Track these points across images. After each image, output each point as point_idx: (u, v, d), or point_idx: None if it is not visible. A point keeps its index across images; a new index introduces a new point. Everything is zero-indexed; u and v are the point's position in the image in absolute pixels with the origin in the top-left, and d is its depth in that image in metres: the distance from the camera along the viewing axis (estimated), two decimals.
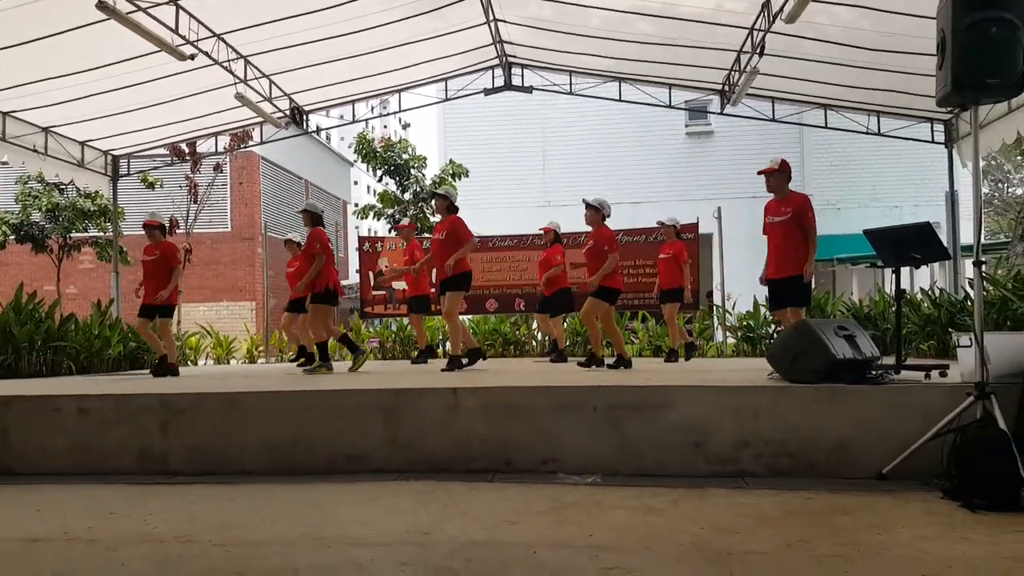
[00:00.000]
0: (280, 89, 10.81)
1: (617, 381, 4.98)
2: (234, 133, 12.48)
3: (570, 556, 2.85)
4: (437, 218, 7.37)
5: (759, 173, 6.44)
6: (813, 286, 6.39)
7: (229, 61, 9.29)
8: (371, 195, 19.83)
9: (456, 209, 7.16)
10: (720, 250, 12.07)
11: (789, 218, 6.12)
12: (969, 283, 8.40)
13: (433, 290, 9.14)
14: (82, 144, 10.80)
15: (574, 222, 11.20)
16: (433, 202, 7.24)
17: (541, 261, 9.34)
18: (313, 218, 7.47)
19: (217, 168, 15.47)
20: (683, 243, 9.18)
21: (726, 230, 11.97)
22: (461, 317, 7.89)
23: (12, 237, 15.80)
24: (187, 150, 13.17)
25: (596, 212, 7.19)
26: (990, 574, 2.61)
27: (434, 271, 8.93)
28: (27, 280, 9.09)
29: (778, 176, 6.25)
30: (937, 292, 9.44)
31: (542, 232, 9.35)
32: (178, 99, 9.94)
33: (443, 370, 6.78)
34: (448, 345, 8.12)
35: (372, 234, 15.61)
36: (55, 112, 9.54)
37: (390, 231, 12.26)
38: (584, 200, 7.33)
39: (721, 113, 11.51)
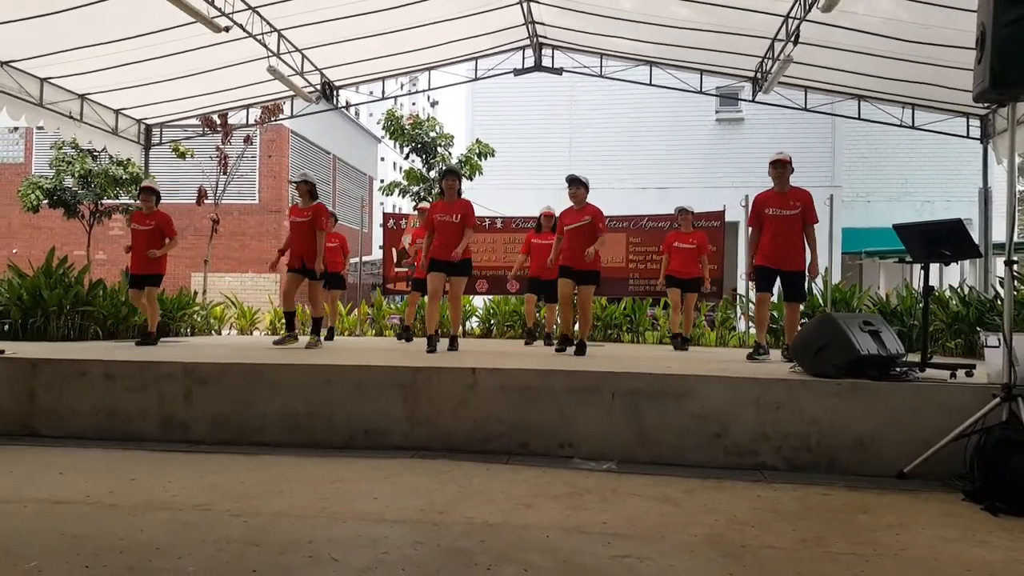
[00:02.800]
0: (312, 64, 10.82)
1: (636, 368, 4.96)
2: (265, 106, 12.54)
3: (583, 542, 2.86)
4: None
5: (776, 162, 6.58)
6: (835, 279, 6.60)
7: (263, 34, 9.31)
8: (397, 172, 19.86)
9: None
10: (746, 239, 11.94)
11: (799, 213, 6.44)
12: (1000, 282, 8.25)
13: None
14: (116, 112, 10.91)
15: (602, 205, 11.19)
16: (443, 182, 7.08)
17: (544, 245, 9.17)
18: (312, 191, 7.42)
19: (247, 140, 15.55)
20: (702, 232, 9.11)
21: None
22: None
23: (45, 202, 16.05)
24: (218, 121, 13.25)
25: (586, 189, 7.03)
26: None
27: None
28: (58, 244, 9.25)
29: (789, 168, 6.56)
30: (966, 290, 9.27)
31: (542, 216, 9.13)
32: (211, 71, 9.99)
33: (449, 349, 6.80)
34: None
35: (396, 211, 15.60)
36: (91, 80, 9.62)
37: (414, 208, 12.23)
38: (574, 177, 7.10)
39: (752, 101, 11.34)
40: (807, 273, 6.56)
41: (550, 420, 4.46)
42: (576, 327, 7.10)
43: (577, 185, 7.06)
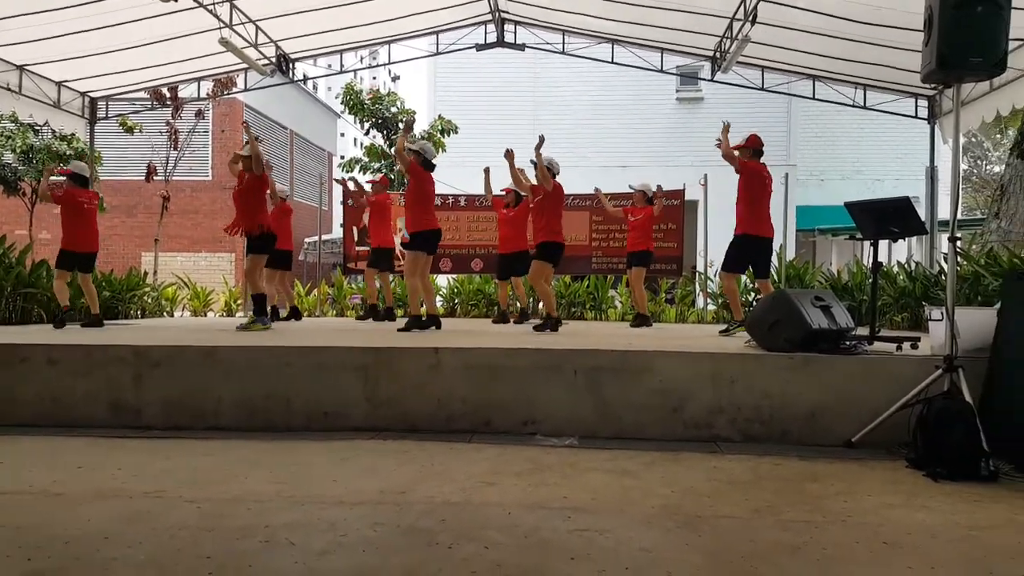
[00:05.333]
0: (266, 35, 10.53)
1: (598, 345, 5.00)
2: (217, 79, 12.18)
3: (544, 517, 2.89)
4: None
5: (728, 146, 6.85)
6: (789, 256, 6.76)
7: (214, 4, 9.01)
8: (358, 148, 19.55)
9: (432, 167, 7.06)
10: (705, 217, 12.07)
11: None
12: (944, 258, 8.50)
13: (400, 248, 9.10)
14: (59, 84, 10.48)
15: (564, 183, 11.18)
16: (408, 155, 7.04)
17: (506, 220, 9.17)
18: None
19: (199, 114, 15.16)
20: (652, 208, 9.19)
21: (711, 198, 11.96)
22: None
23: None
24: (168, 95, 12.86)
25: (547, 170, 7.17)
26: (947, 542, 2.68)
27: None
28: None
29: (743, 150, 6.90)
30: (913, 266, 9.53)
31: (503, 192, 9.13)
32: (160, 41, 9.64)
33: (400, 330, 6.70)
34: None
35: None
36: (31, 50, 9.21)
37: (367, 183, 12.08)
38: (534, 161, 7.29)
39: (712, 80, 11.41)
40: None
41: (513, 398, 4.49)
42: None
43: (535, 166, 7.25)
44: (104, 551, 2.51)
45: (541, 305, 8.43)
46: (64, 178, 7.95)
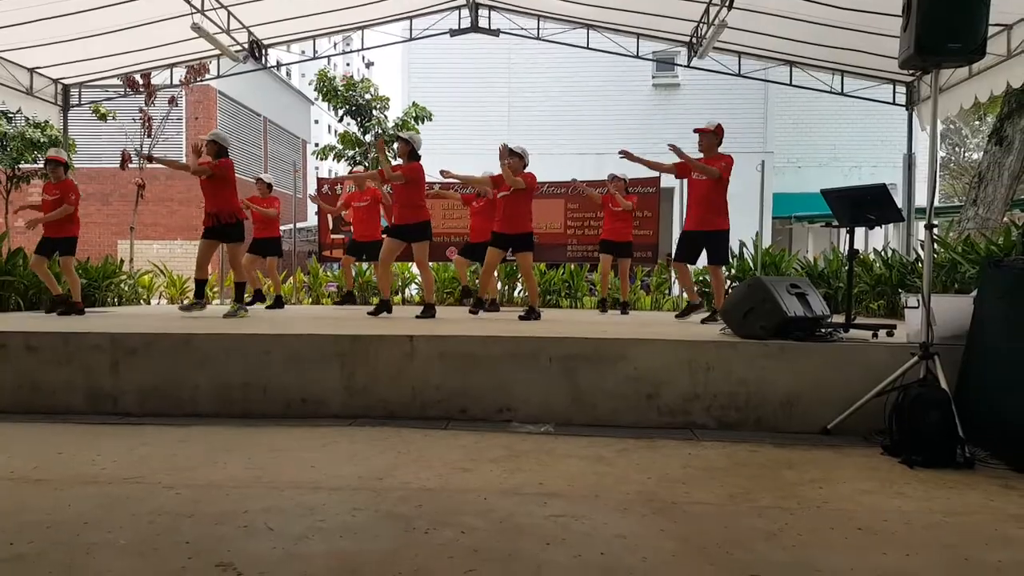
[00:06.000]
0: (238, 21, 10.39)
1: (573, 333, 5.02)
2: (190, 66, 12.01)
3: (520, 503, 2.90)
4: (396, 162, 7.19)
5: (695, 131, 6.86)
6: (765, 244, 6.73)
7: None
8: (332, 135, 19.40)
9: (418, 156, 7.04)
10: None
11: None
12: (921, 245, 8.60)
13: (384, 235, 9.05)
14: (31, 71, 10.29)
15: (537, 170, 11.14)
16: (396, 146, 7.05)
17: (477, 211, 9.18)
18: (219, 149, 7.17)
19: (172, 101, 14.87)
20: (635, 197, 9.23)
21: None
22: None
23: None
24: (141, 81, 12.63)
25: (520, 159, 7.08)
26: (921, 528, 2.72)
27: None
28: None
29: (711, 137, 6.77)
30: (889, 253, 9.64)
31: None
32: (132, 27, 9.48)
33: (418, 316, 6.74)
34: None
35: (332, 175, 15.28)
36: (2, 36, 9.03)
37: (349, 173, 12.00)
38: (505, 146, 7.15)
39: (688, 66, 11.43)
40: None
41: (489, 386, 4.49)
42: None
43: (511, 155, 7.09)
44: (84, 536, 2.50)
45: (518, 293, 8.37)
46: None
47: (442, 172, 7.83)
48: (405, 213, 6.84)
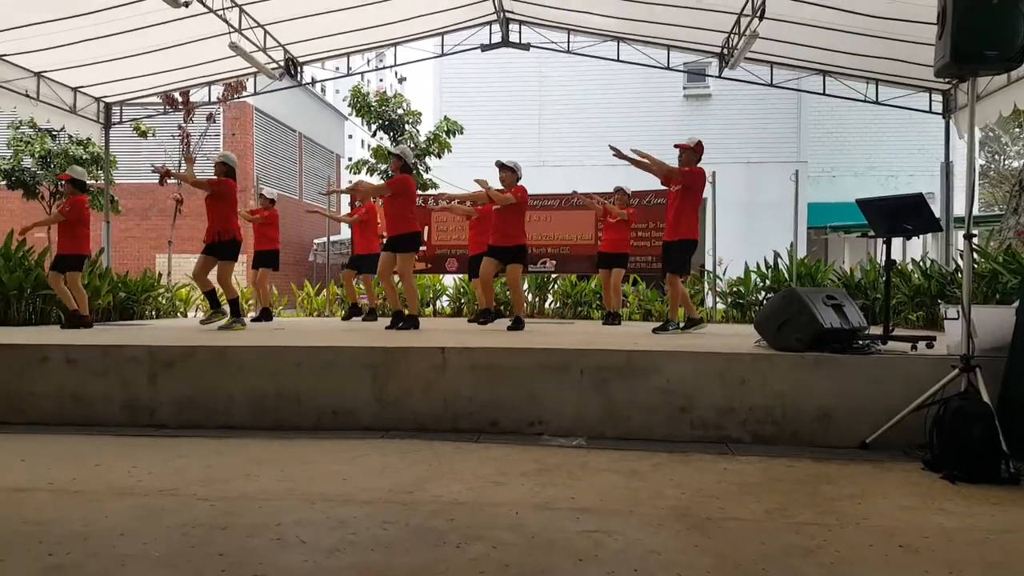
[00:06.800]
0: (275, 39, 10.60)
1: (605, 345, 4.99)
2: (228, 83, 12.27)
3: (552, 518, 2.88)
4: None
5: (676, 146, 7.08)
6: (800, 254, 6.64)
7: (224, 9, 9.08)
8: (365, 150, 19.62)
9: (410, 169, 7.22)
10: (714, 215, 12.03)
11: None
12: (960, 255, 8.42)
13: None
14: (74, 90, 10.60)
15: (566, 182, 11.19)
16: (390, 160, 7.25)
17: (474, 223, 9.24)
18: (227, 170, 7.34)
19: (210, 118, 15.26)
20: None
21: (720, 196, 11.91)
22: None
23: (3, 183, 15.62)
24: (180, 99, 12.95)
25: (512, 173, 7.27)
26: (964, 545, 2.64)
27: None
28: (18, 227, 8.94)
29: (690, 153, 6.93)
30: (928, 263, 9.45)
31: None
32: (172, 47, 9.73)
33: (388, 328, 6.95)
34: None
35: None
36: (48, 57, 9.33)
37: (350, 184, 12.11)
38: (500, 162, 7.40)
39: (719, 77, 11.36)
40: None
41: (520, 398, 4.48)
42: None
43: (504, 169, 7.32)
44: (120, 547, 2.54)
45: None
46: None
47: (436, 198, 7.99)
48: (394, 225, 6.98)
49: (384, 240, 7.19)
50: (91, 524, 2.78)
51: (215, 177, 7.29)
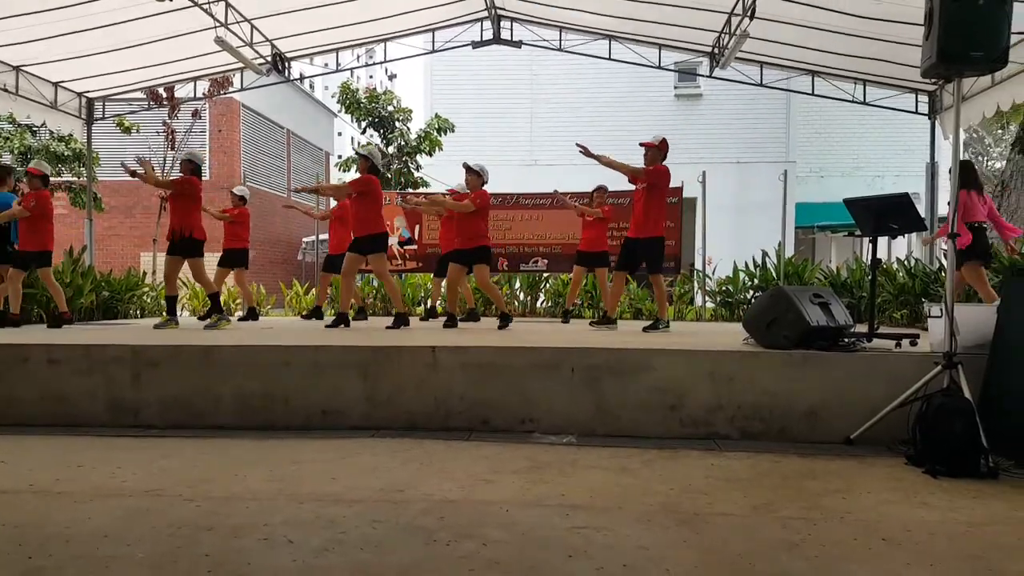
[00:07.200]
0: (262, 34, 10.51)
1: (596, 343, 5.00)
2: (214, 79, 12.17)
3: (543, 515, 2.88)
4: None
5: (641, 144, 7.10)
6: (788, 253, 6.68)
7: (209, 3, 8.98)
8: (355, 147, 19.55)
9: (377, 171, 7.23)
10: (704, 215, 12.07)
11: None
12: (944, 254, 8.49)
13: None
14: (55, 85, 10.47)
15: (557, 182, 11.18)
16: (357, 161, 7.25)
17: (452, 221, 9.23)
18: (193, 168, 7.35)
19: (196, 114, 15.15)
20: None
21: (710, 195, 11.95)
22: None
23: None
24: (165, 95, 12.85)
25: (477, 177, 7.37)
26: (945, 538, 2.67)
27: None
28: None
29: (655, 152, 6.98)
30: (912, 262, 9.52)
31: (452, 190, 9.19)
32: (156, 41, 9.62)
33: (327, 326, 7.04)
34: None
35: None
36: (27, 50, 9.19)
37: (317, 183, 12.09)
38: (467, 165, 7.49)
39: (710, 76, 11.39)
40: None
41: (511, 396, 4.48)
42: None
43: (469, 172, 7.44)
44: (104, 549, 2.51)
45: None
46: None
47: (401, 195, 8.03)
48: (361, 226, 6.96)
49: (352, 241, 7.12)
50: (74, 526, 2.75)
51: (180, 176, 7.21)
